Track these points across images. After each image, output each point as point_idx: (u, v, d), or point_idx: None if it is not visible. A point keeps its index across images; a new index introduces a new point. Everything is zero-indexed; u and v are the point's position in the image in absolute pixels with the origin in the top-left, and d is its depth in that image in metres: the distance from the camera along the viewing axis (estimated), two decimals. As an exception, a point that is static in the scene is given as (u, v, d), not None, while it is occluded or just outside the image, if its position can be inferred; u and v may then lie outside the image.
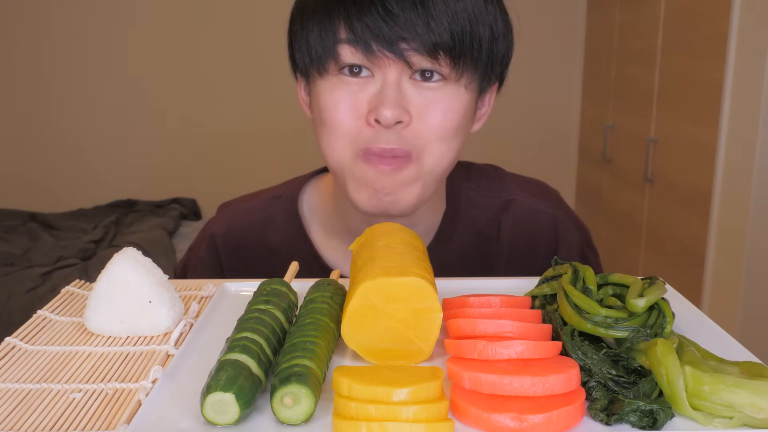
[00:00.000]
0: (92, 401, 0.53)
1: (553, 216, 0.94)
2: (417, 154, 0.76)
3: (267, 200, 0.95)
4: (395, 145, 0.75)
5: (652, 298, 0.56)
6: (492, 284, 0.75)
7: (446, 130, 0.77)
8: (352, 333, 0.56)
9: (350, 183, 0.79)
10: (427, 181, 0.79)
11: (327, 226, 0.93)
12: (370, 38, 0.73)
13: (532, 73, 3.38)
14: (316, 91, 0.79)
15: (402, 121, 0.74)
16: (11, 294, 2.36)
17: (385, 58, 0.73)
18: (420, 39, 0.72)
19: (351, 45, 0.74)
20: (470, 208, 0.92)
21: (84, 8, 3.27)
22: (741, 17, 1.93)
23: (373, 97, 0.75)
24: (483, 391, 0.49)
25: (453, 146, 0.79)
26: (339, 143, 0.77)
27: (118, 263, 0.65)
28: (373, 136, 0.75)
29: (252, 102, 3.38)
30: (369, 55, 0.73)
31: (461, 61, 0.75)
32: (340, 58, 0.75)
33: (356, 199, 0.79)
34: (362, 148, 0.76)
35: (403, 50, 0.73)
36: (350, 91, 0.76)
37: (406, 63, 0.74)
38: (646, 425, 0.47)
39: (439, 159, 0.78)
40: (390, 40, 0.72)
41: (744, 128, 1.94)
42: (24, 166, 3.41)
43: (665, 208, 2.40)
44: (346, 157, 0.78)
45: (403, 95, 0.75)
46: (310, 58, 0.77)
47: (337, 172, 0.81)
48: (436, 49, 0.73)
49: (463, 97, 0.77)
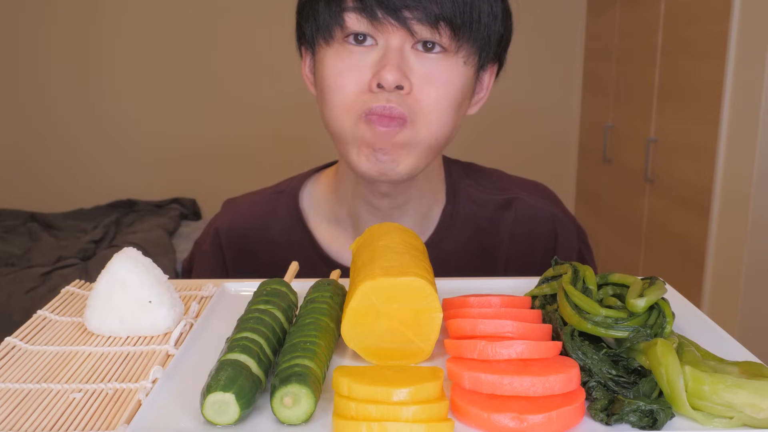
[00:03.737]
0: (92, 401, 0.53)
1: (553, 214, 0.96)
2: (412, 119, 0.79)
3: (269, 195, 0.99)
4: (394, 105, 0.78)
5: (652, 298, 0.55)
6: (492, 284, 0.75)
7: (444, 101, 0.80)
8: (352, 333, 0.56)
9: (351, 148, 0.82)
10: (421, 149, 0.82)
11: (329, 217, 0.96)
12: (375, 5, 0.77)
13: (533, 73, 3.38)
14: (321, 60, 0.83)
15: (403, 87, 0.78)
16: (11, 294, 2.36)
17: (389, 25, 0.77)
18: (423, 8, 0.77)
19: (357, 12, 0.78)
20: (469, 204, 0.95)
21: (84, 8, 3.27)
22: (741, 17, 1.93)
23: (376, 62, 0.79)
24: (483, 391, 0.49)
25: (448, 119, 0.82)
26: (341, 109, 0.81)
27: (118, 263, 0.65)
28: (373, 99, 0.79)
29: (252, 102, 3.38)
30: (374, 21, 0.77)
31: (461, 32, 0.79)
32: (347, 25, 0.79)
33: (357, 162, 0.82)
34: (363, 110, 0.79)
35: (407, 18, 0.77)
36: (354, 59, 0.79)
37: (408, 31, 0.78)
38: (646, 425, 0.47)
39: (434, 129, 0.81)
40: (394, 8, 0.76)
41: (744, 128, 1.94)
42: (24, 166, 3.41)
43: (665, 208, 2.40)
44: (348, 122, 0.81)
45: (405, 62, 0.79)
46: (317, 26, 0.81)
47: (339, 138, 0.84)
48: (437, 20, 0.77)
49: (462, 70, 0.81)
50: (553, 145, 3.48)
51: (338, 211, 0.95)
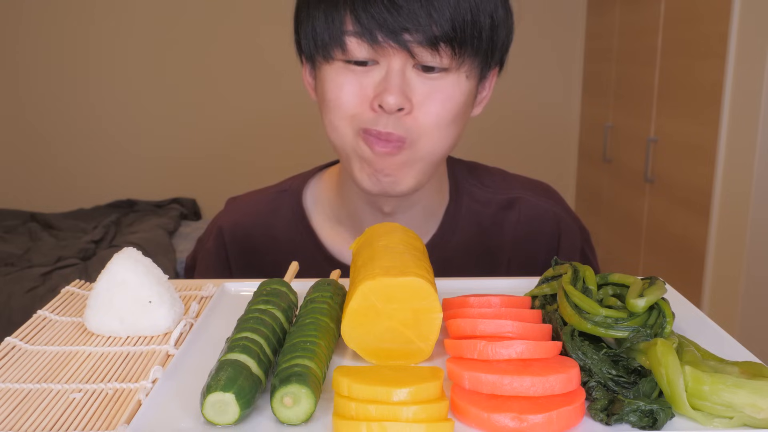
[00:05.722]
0: (92, 401, 0.53)
1: (556, 213, 0.96)
2: (411, 141, 0.79)
3: (273, 194, 0.99)
4: (392, 130, 0.78)
5: (652, 298, 0.55)
6: (492, 284, 0.75)
7: (445, 118, 0.79)
8: (352, 333, 0.56)
9: (354, 162, 0.82)
10: (423, 165, 0.82)
11: (331, 216, 0.96)
12: (376, 28, 0.75)
13: (533, 73, 3.38)
14: (322, 76, 0.82)
15: (404, 108, 0.77)
16: (11, 294, 2.36)
17: (390, 48, 0.76)
18: (422, 30, 0.75)
19: (357, 37, 0.77)
20: (472, 203, 0.95)
21: (84, 8, 3.27)
22: (741, 17, 1.93)
23: (378, 83, 0.78)
24: (483, 391, 0.49)
25: (450, 133, 0.81)
26: (341, 122, 0.80)
27: (118, 263, 0.65)
28: (373, 119, 0.78)
29: (252, 102, 3.38)
30: (374, 45, 0.76)
31: (462, 50, 0.78)
32: (348, 48, 0.77)
33: (359, 179, 0.82)
34: (362, 127, 0.79)
35: (407, 41, 0.76)
36: (356, 77, 0.79)
37: (409, 53, 0.76)
38: (646, 425, 0.47)
39: (435, 146, 0.81)
40: (394, 31, 0.75)
41: (744, 128, 1.94)
42: (24, 166, 3.41)
43: (665, 208, 2.40)
44: (348, 136, 0.81)
45: (407, 83, 0.77)
46: (316, 45, 0.80)
47: (341, 151, 0.83)
48: (437, 41, 0.76)
49: (464, 85, 0.80)
50: (553, 145, 3.48)
51: (340, 211, 0.95)
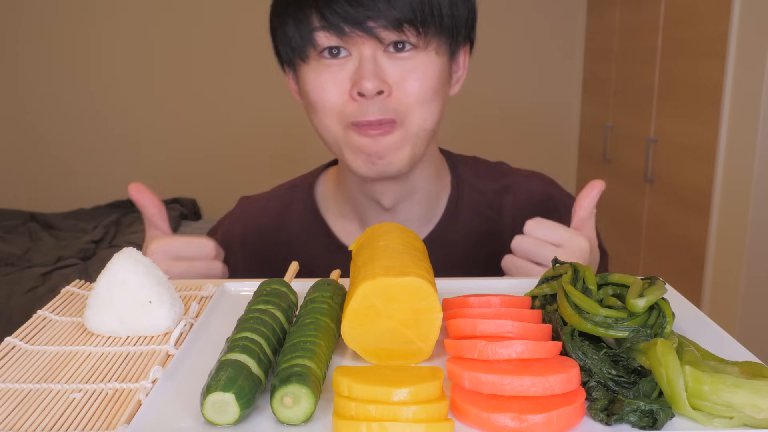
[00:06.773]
0: (92, 401, 0.53)
1: (548, 193, 1.01)
2: (401, 119, 0.84)
3: (285, 190, 1.04)
4: (380, 116, 0.83)
5: (652, 298, 0.55)
6: (492, 284, 0.75)
7: (425, 95, 0.84)
8: (352, 333, 0.56)
9: (347, 152, 0.87)
10: (415, 141, 0.87)
11: (337, 212, 1.00)
12: (341, 22, 0.81)
13: (533, 72, 3.38)
14: (302, 77, 0.87)
15: (383, 91, 0.82)
16: (11, 294, 2.36)
17: (358, 37, 0.82)
18: (384, 15, 0.81)
19: (325, 31, 0.83)
20: (472, 193, 1.00)
21: (84, 8, 3.27)
22: (741, 17, 1.93)
23: (353, 73, 0.83)
24: (483, 391, 0.49)
25: (434, 108, 0.86)
26: (329, 120, 0.86)
27: (117, 263, 0.65)
28: (358, 110, 0.83)
29: (252, 102, 3.38)
30: (342, 36, 0.82)
31: (426, 29, 0.83)
32: (317, 43, 0.83)
33: (354, 167, 0.87)
34: (350, 121, 0.84)
35: (372, 28, 0.81)
36: (332, 72, 0.84)
37: (376, 39, 0.82)
38: (646, 425, 0.47)
39: (423, 121, 0.86)
40: (358, 21, 0.81)
41: (744, 128, 1.94)
42: (24, 166, 3.41)
43: (665, 208, 2.40)
44: (338, 131, 0.86)
45: (380, 67, 0.83)
46: (291, 48, 0.86)
47: (333, 146, 0.88)
48: (400, 23, 0.81)
49: (435, 62, 0.85)
50: (553, 145, 3.48)
51: (344, 206, 0.98)
